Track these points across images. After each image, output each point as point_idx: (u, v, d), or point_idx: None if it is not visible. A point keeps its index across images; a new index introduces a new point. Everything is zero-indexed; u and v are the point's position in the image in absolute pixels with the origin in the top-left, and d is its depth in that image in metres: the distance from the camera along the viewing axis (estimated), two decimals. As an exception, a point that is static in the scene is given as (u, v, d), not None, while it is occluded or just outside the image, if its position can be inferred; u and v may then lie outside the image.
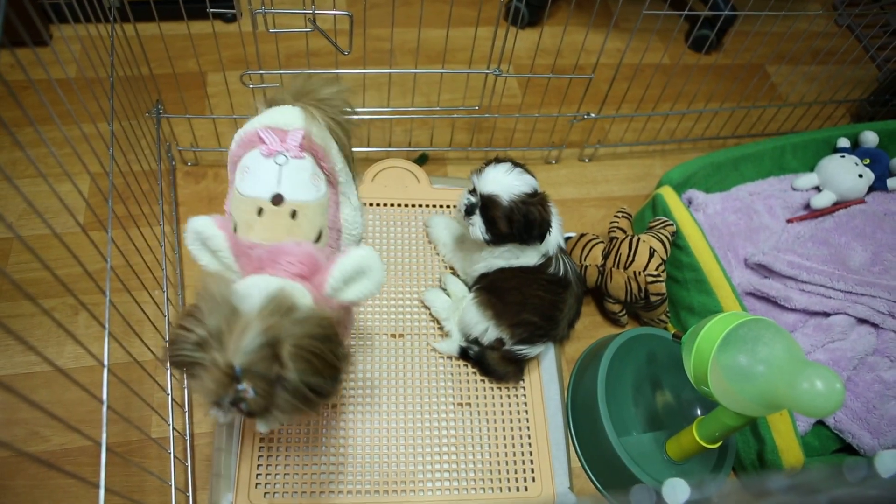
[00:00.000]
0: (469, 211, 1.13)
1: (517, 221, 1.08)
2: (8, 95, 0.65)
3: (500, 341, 1.14)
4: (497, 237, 1.11)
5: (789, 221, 1.46)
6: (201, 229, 0.80)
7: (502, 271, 1.16)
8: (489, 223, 1.10)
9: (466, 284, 1.26)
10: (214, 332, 0.68)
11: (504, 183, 1.08)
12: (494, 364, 1.17)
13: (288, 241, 0.84)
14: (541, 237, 1.10)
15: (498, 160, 1.13)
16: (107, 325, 0.80)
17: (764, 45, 1.72)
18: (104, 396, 0.75)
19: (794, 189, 1.52)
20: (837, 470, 0.39)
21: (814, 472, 0.38)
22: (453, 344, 1.20)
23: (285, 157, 0.90)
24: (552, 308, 1.14)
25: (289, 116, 0.93)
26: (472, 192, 1.12)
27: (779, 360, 0.78)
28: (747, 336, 0.83)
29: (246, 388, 0.67)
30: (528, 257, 1.14)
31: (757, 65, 1.83)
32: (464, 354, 1.20)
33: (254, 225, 0.86)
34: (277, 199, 0.86)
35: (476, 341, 1.17)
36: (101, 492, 0.68)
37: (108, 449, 0.72)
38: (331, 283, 0.80)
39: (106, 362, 0.76)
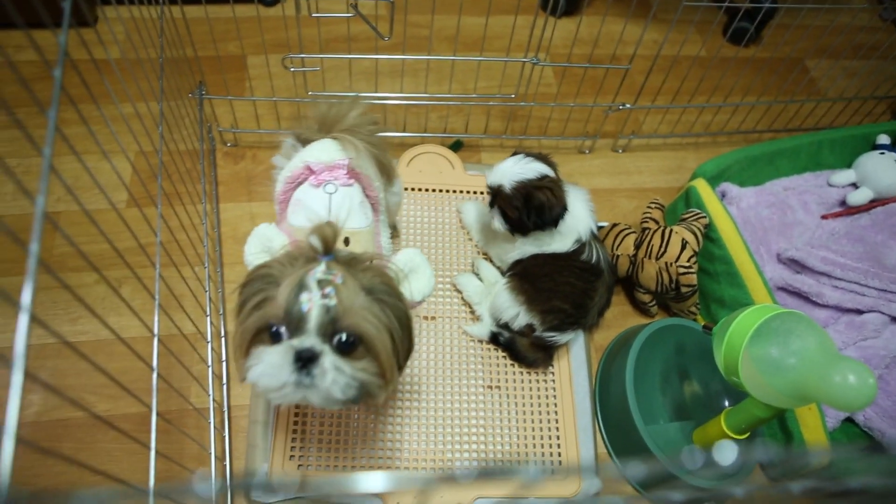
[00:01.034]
0: (490, 205, 1.19)
1: (521, 207, 1.11)
2: (44, 78, 0.67)
3: (530, 327, 1.16)
4: (514, 226, 1.15)
5: (824, 217, 1.45)
6: (267, 232, 0.81)
7: (535, 257, 1.18)
8: (502, 213, 1.16)
9: (501, 271, 1.28)
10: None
11: (508, 173, 1.13)
12: (524, 350, 1.19)
13: None
14: (554, 221, 1.12)
15: (515, 153, 1.17)
16: (157, 297, 0.83)
17: (805, 38, 1.70)
18: (154, 364, 0.79)
19: (831, 185, 1.50)
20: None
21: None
22: (484, 328, 1.22)
23: (334, 185, 0.91)
24: (583, 296, 1.16)
25: (330, 150, 0.94)
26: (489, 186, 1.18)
27: (811, 354, 0.79)
28: (780, 329, 0.84)
29: (335, 273, 0.67)
30: (560, 243, 1.16)
31: (796, 59, 1.81)
32: (494, 339, 1.22)
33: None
34: None
35: (506, 326, 1.19)
36: (152, 454, 0.71)
37: (158, 415, 0.75)
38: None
39: (156, 332, 0.80)
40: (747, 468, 1.09)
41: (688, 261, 1.22)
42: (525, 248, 1.19)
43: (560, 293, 1.15)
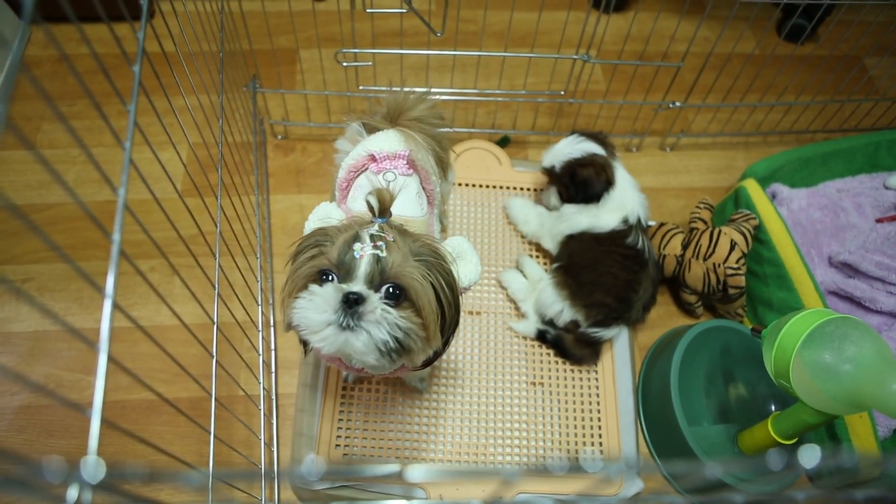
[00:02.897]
0: (549, 184, 1.29)
1: (569, 184, 1.21)
2: (115, 67, 0.69)
3: (574, 323, 1.16)
4: (566, 200, 1.24)
5: (879, 221, 1.41)
6: (327, 209, 0.84)
7: (581, 241, 1.20)
8: (557, 191, 1.26)
9: (545, 264, 1.30)
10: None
11: (559, 154, 1.23)
12: (571, 347, 1.19)
13: None
14: (598, 195, 1.18)
15: (572, 132, 1.26)
16: (216, 286, 0.86)
17: (865, 36, 1.66)
18: (214, 351, 0.81)
19: (887, 188, 1.46)
20: None
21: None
22: (530, 325, 1.23)
23: (394, 174, 0.93)
24: (626, 288, 1.16)
25: (393, 141, 0.96)
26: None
27: (867, 360, 0.78)
28: (834, 334, 0.83)
29: (387, 232, 0.71)
30: (607, 217, 1.19)
31: (855, 57, 1.76)
32: (541, 337, 1.22)
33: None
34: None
35: (552, 323, 1.19)
36: (212, 438, 0.74)
37: (215, 400, 0.78)
38: None
39: (216, 320, 0.82)
40: (793, 475, 1.08)
41: (736, 262, 1.21)
42: (575, 218, 1.22)
43: (603, 285, 1.15)
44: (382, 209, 0.74)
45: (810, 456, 0.32)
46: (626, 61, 1.44)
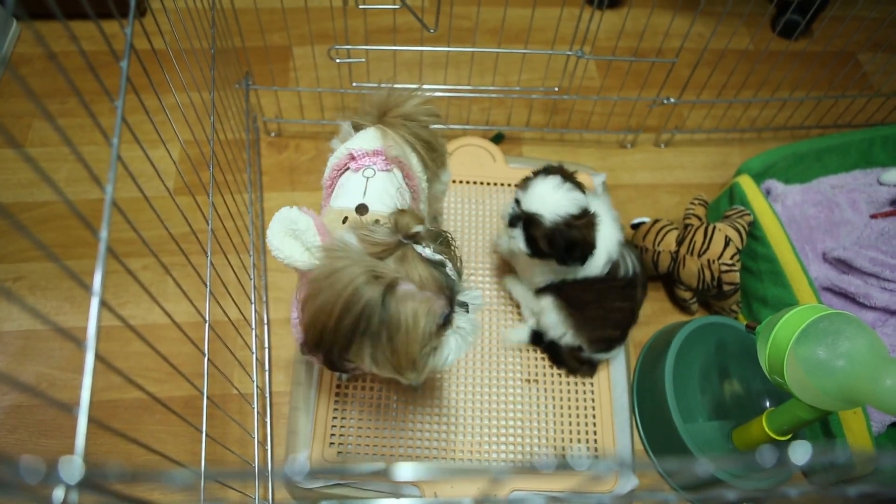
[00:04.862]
0: (512, 223, 1.07)
1: (558, 244, 1.02)
2: (106, 64, 0.69)
3: (578, 348, 1.16)
4: (537, 254, 1.07)
5: (873, 217, 1.41)
6: (290, 215, 0.79)
7: (573, 284, 1.11)
8: (529, 240, 1.05)
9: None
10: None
11: (550, 202, 1.01)
12: (567, 358, 1.18)
13: None
14: (582, 259, 1.04)
15: (548, 171, 1.06)
16: (208, 284, 0.85)
17: (859, 31, 1.65)
18: (206, 350, 0.81)
19: (881, 184, 1.46)
20: None
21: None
22: (524, 332, 1.21)
23: (373, 170, 0.93)
24: (631, 316, 1.14)
25: (373, 140, 0.96)
26: (518, 203, 1.07)
27: (861, 356, 0.78)
28: (828, 329, 0.82)
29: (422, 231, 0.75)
30: (592, 268, 1.08)
31: (849, 52, 1.76)
32: (536, 339, 1.21)
33: (337, 233, 0.89)
34: (362, 209, 0.89)
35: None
36: (203, 436, 0.73)
37: (208, 398, 0.78)
38: None
39: (207, 318, 0.82)
40: (787, 471, 1.08)
41: (731, 258, 1.21)
42: (554, 275, 1.12)
43: (611, 321, 1.13)
44: (404, 232, 0.75)
45: (801, 452, 0.32)
46: (621, 57, 1.43)
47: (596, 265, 1.07)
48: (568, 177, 1.05)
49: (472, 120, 1.55)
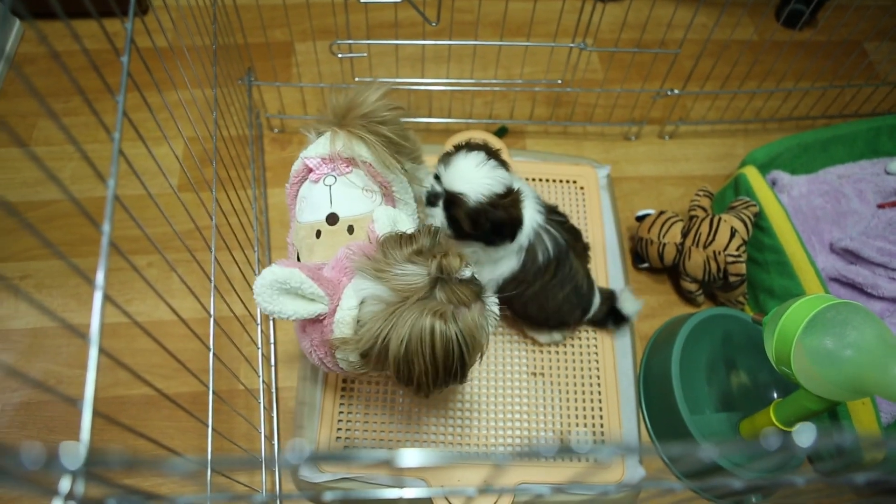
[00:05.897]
0: (431, 201, 1.00)
1: (483, 225, 0.96)
2: (109, 63, 0.69)
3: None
4: (460, 235, 1.00)
5: (881, 206, 1.41)
6: (276, 276, 0.76)
7: (505, 286, 1.06)
8: (451, 221, 0.98)
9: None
10: None
11: (473, 180, 0.94)
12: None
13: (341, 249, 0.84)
14: (511, 236, 0.99)
15: (470, 147, 0.98)
16: (212, 280, 0.85)
17: (864, 20, 1.64)
18: (211, 345, 0.81)
19: (888, 173, 1.45)
20: None
21: None
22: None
23: (333, 177, 0.92)
24: (576, 294, 1.09)
25: (323, 145, 0.95)
26: (438, 179, 0.99)
27: (869, 346, 0.77)
28: (835, 319, 0.82)
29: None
30: (507, 264, 1.03)
31: (854, 42, 1.75)
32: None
33: (314, 247, 0.89)
34: (332, 219, 0.89)
35: None
36: (209, 430, 0.73)
37: (213, 393, 0.78)
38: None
39: (212, 314, 0.82)
40: (795, 460, 1.08)
41: (737, 250, 1.20)
42: (502, 259, 1.04)
43: (561, 313, 1.11)
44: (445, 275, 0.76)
45: (806, 435, 0.32)
46: (624, 49, 1.43)
47: (510, 261, 1.03)
48: (492, 154, 0.98)
49: (475, 114, 1.55)
